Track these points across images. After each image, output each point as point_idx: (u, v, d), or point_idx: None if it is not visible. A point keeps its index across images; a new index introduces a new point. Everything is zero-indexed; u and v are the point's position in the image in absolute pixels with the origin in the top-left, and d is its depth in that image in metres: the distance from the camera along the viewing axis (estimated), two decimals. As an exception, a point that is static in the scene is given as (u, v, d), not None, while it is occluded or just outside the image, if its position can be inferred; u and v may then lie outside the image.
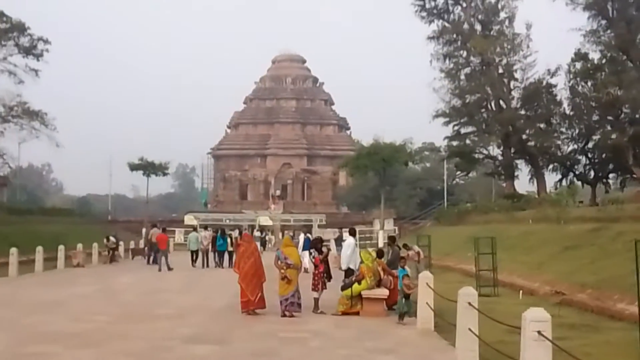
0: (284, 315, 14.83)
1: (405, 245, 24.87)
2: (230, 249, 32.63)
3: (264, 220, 62.69)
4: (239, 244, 16.41)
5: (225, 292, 20.08)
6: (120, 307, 16.16)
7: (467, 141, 52.33)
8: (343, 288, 15.59)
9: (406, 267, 14.66)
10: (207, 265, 32.69)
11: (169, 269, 29.42)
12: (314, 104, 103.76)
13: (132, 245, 41.36)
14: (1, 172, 68.04)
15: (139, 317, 14.89)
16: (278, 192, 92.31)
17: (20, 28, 52.18)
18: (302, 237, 30.00)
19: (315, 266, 15.87)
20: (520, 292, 19.30)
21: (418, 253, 23.54)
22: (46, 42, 53.27)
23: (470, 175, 66.86)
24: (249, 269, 15.32)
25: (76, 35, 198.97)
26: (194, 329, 13.15)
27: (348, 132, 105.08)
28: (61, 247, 31.23)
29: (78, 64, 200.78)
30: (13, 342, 11.57)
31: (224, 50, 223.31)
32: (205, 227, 37.16)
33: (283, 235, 28.43)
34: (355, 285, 15.31)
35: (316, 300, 15.68)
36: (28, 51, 52.91)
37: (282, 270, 14.93)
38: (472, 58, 50.75)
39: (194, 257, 33.30)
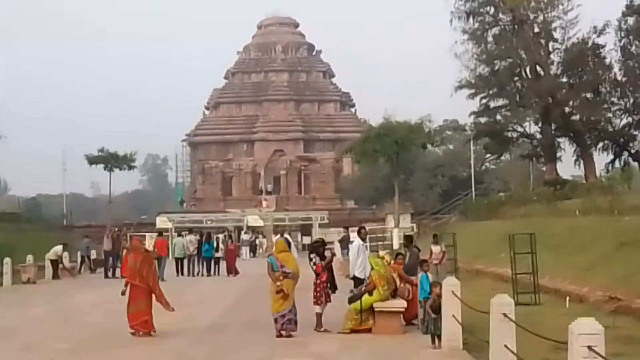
0: (280, 336, 14.89)
1: (435, 237, 25.02)
2: (217, 254, 35.05)
3: (253, 220, 62.77)
4: (128, 250, 16.61)
5: (211, 308, 20.22)
6: (83, 331, 16.23)
7: (498, 117, 52.35)
8: (351, 300, 15.64)
9: (429, 273, 14.72)
10: (193, 274, 34.76)
11: (162, 279, 29.85)
12: (310, 76, 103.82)
13: (93, 255, 41.45)
14: None
15: (106, 343, 14.95)
16: (270, 187, 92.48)
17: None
18: (276, 240, 29.61)
19: (317, 275, 15.91)
20: (567, 299, 19.33)
21: (443, 253, 23.68)
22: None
23: (502, 158, 66.85)
24: (144, 283, 15.75)
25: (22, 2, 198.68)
26: (174, 356, 13.21)
27: (352, 110, 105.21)
28: (7, 260, 31.24)
29: (22, 38, 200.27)
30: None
31: (199, 14, 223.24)
32: (190, 231, 37.82)
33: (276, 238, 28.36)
34: (366, 296, 15.35)
35: (319, 316, 15.74)
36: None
37: (279, 283, 14.98)
38: (501, 15, 50.72)
39: (180, 266, 34.80)
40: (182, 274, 34.72)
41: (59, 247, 35.29)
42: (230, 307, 21.65)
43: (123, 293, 15.82)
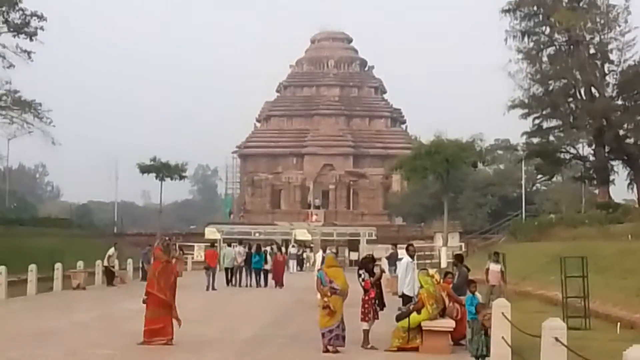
0: (327, 351, 14.73)
1: (496, 255, 24.70)
2: (266, 266, 36.09)
3: (301, 234, 62.76)
4: (157, 261, 16.58)
5: (255, 319, 20.14)
6: (125, 338, 16.21)
7: (551, 138, 51.79)
8: (399, 318, 15.45)
9: (477, 293, 14.45)
10: (240, 285, 35.63)
11: (213, 288, 32.47)
12: (361, 92, 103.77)
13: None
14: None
15: (145, 351, 14.92)
16: (318, 201, 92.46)
17: (10, 1, 52.94)
18: (319, 255, 29.53)
19: (366, 291, 15.75)
20: (618, 325, 18.94)
21: (502, 273, 23.33)
22: (41, 18, 53.87)
23: (554, 179, 66.11)
24: (165, 292, 15.72)
25: (75, 14, 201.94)
26: (216, 367, 13.12)
27: (403, 126, 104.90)
28: (58, 266, 31.53)
29: (78, 49, 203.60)
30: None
31: (253, 28, 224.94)
32: (240, 242, 38.34)
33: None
34: (414, 315, 15.16)
35: (366, 332, 15.56)
36: (19, 29, 53.58)
37: (326, 298, 14.83)
38: (556, 35, 50.24)
39: (230, 276, 35.87)
40: (232, 283, 35.59)
41: (112, 250, 35.60)
42: (275, 319, 21.57)
43: (144, 301, 15.93)
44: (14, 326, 18.90)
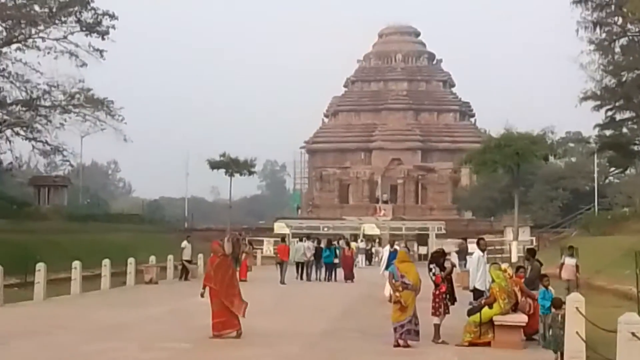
0: (397, 345, 14.70)
1: (570, 249, 24.41)
2: (335, 261, 36.53)
3: (370, 228, 62.70)
4: (214, 255, 16.82)
5: (325, 313, 20.17)
6: (199, 332, 16.39)
7: (624, 130, 50.87)
8: (470, 313, 15.33)
9: (550, 287, 14.27)
10: (309, 279, 35.98)
11: (283, 282, 32.83)
12: (429, 85, 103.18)
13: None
14: (61, 171, 70.76)
15: (219, 344, 15.08)
16: (386, 196, 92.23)
17: (82, 1, 53.89)
18: (386, 250, 29.08)
19: (436, 285, 15.67)
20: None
21: (577, 267, 23.01)
22: (112, 17, 54.70)
23: (627, 172, 64.89)
24: (221, 286, 15.85)
25: (147, 12, 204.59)
26: (288, 360, 13.19)
27: (472, 120, 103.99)
28: (131, 261, 32.04)
29: (149, 47, 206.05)
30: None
31: (320, 23, 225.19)
32: (308, 237, 38.85)
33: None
34: (485, 309, 15.02)
35: (437, 327, 15.49)
36: (91, 28, 54.49)
37: (397, 293, 14.79)
38: (629, 26, 49.19)
39: (300, 270, 36.34)
40: (302, 278, 35.93)
41: (185, 242, 36.00)
42: (345, 313, 21.61)
43: (202, 295, 16.26)
44: (89, 320, 19.29)
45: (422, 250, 58.35)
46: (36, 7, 52.56)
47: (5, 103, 56.67)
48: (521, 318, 15.00)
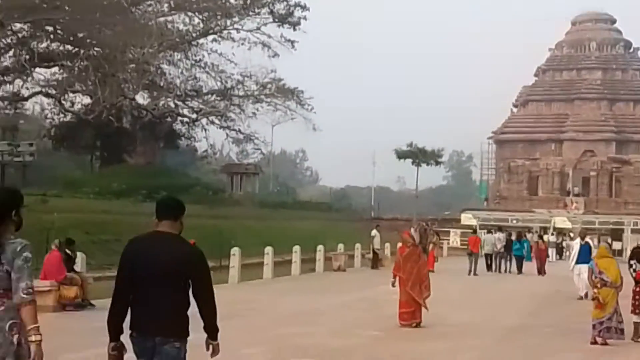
0: (595, 343, 14.14)
1: None
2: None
3: (561, 222, 61.00)
4: (403, 245, 16.94)
5: (515, 307, 19.78)
6: (388, 320, 16.42)
7: None
8: (673, 311, 14.55)
9: None
10: (499, 271, 35.99)
11: (474, 274, 33.09)
12: (625, 75, 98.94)
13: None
14: (252, 159, 72.91)
15: (409, 334, 15.05)
16: (577, 189, 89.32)
17: (275, -7, 55.29)
18: (576, 243, 27.93)
19: (637, 282, 14.96)
20: None
21: None
22: (304, 8, 55.82)
23: None
24: (409, 276, 15.81)
25: (337, 3, 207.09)
26: (480, 354, 12.97)
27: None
28: (320, 248, 32.57)
29: (338, 37, 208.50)
30: (272, 355, 12.19)
31: (510, 12, 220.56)
32: (500, 229, 38.54)
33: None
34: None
35: (637, 325, 14.78)
36: (284, 19, 55.80)
37: (595, 290, 14.24)
38: None
39: (489, 262, 36.26)
40: (491, 269, 35.81)
41: (374, 231, 36.29)
42: (536, 307, 21.11)
43: (393, 285, 16.30)
44: (281, 304, 19.74)
45: (617, 245, 56.11)
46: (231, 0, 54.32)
47: (202, 93, 59.07)
48: None
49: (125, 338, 5.82)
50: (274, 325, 15.62)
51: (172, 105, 58.95)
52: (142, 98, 58.35)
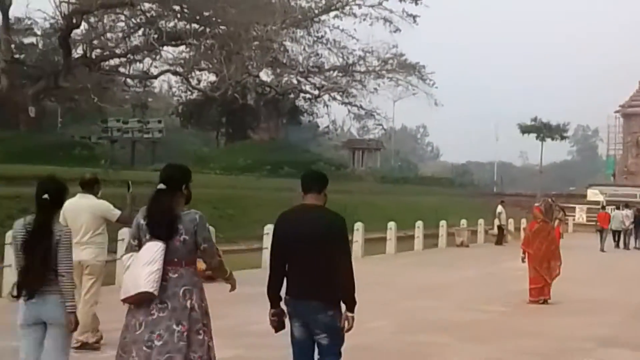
0: None
1: None
2: None
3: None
4: (533, 221, 16.73)
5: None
6: (514, 296, 16.29)
7: None
8: None
9: None
10: (627, 247, 35.41)
11: (602, 250, 32.83)
12: None
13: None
14: (373, 134, 73.09)
15: (537, 310, 14.93)
16: None
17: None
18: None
19: None
20: None
21: None
22: (426, -18, 55.40)
23: None
24: (537, 252, 15.65)
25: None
26: (612, 330, 12.77)
27: None
28: (442, 223, 32.47)
29: (461, 10, 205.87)
30: (398, 328, 12.33)
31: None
32: (627, 205, 38.42)
33: None
34: None
35: None
36: (406, -6, 55.49)
37: None
38: None
39: (617, 238, 35.73)
40: (619, 246, 35.23)
41: (499, 207, 35.99)
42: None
43: (522, 260, 16.10)
44: (405, 278, 19.87)
45: None
46: (354, -25, 54.43)
47: (323, 69, 59.50)
48: None
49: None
50: (400, 299, 15.75)
51: (295, 81, 59.64)
52: (265, 75, 59.27)
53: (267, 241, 21.22)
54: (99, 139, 54.42)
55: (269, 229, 21.51)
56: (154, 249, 5.54)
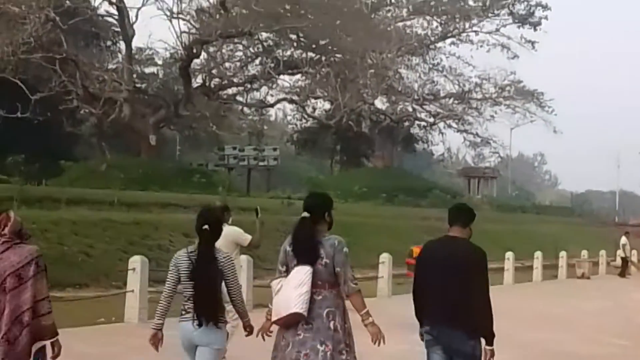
0: None
1: None
2: None
3: None
4: None
5: None
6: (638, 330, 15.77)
7: None
8: None
9: None
10: None
11: None
12: None
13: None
14: (489, 162, 72.21)
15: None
16: None
17: (516, -7, 54.54)
18: None
19: None
20: None
21: None
22: (545, 7, 54.65)
23: None
24: None
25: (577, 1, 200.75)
26: None
27: None
28: (562, 254, 31.66)
29: (581, 37, 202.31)
30: (521, 360, 12.04)
31: None
32: None
33: None
34: None
35: None
36: (524, 20, 54.90)
37: None
38: None
39: None
40: None
41: (623, 238, 34.81)
42: None
43: None
44: (525, 310, 19.39)
45: None
46: (470, 2, 54.16)
47: (439, 96, 59.35)
48: None
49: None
50: (523, 331, 15.37)
51: (410, 109, 59.60)
52: (380, 103, 59.43)
53: (383, 270, 21.16)
54: (216, 166, 55.40)
55: (384, 257, 21.44)
56: (302, 273, 5.87)
